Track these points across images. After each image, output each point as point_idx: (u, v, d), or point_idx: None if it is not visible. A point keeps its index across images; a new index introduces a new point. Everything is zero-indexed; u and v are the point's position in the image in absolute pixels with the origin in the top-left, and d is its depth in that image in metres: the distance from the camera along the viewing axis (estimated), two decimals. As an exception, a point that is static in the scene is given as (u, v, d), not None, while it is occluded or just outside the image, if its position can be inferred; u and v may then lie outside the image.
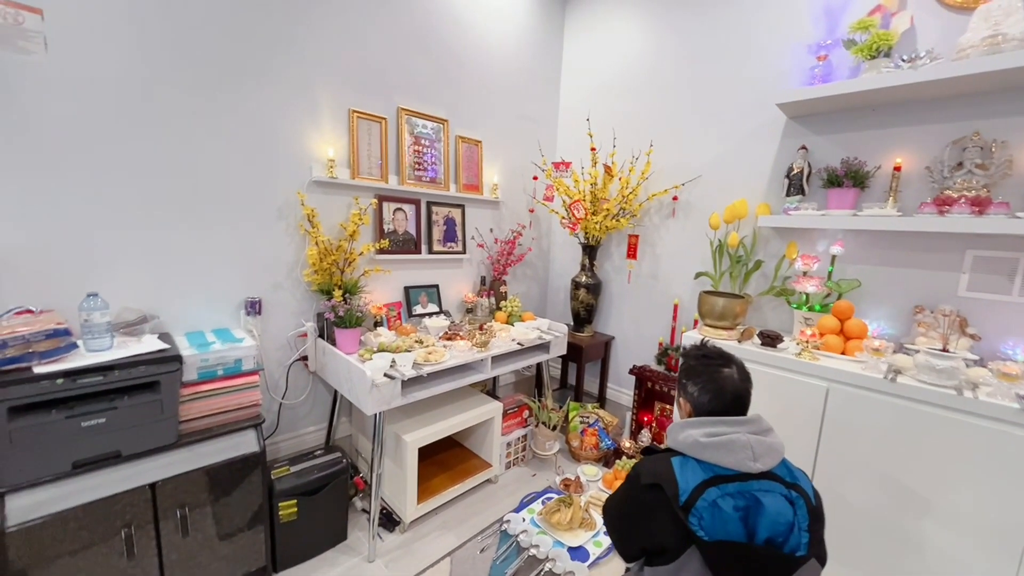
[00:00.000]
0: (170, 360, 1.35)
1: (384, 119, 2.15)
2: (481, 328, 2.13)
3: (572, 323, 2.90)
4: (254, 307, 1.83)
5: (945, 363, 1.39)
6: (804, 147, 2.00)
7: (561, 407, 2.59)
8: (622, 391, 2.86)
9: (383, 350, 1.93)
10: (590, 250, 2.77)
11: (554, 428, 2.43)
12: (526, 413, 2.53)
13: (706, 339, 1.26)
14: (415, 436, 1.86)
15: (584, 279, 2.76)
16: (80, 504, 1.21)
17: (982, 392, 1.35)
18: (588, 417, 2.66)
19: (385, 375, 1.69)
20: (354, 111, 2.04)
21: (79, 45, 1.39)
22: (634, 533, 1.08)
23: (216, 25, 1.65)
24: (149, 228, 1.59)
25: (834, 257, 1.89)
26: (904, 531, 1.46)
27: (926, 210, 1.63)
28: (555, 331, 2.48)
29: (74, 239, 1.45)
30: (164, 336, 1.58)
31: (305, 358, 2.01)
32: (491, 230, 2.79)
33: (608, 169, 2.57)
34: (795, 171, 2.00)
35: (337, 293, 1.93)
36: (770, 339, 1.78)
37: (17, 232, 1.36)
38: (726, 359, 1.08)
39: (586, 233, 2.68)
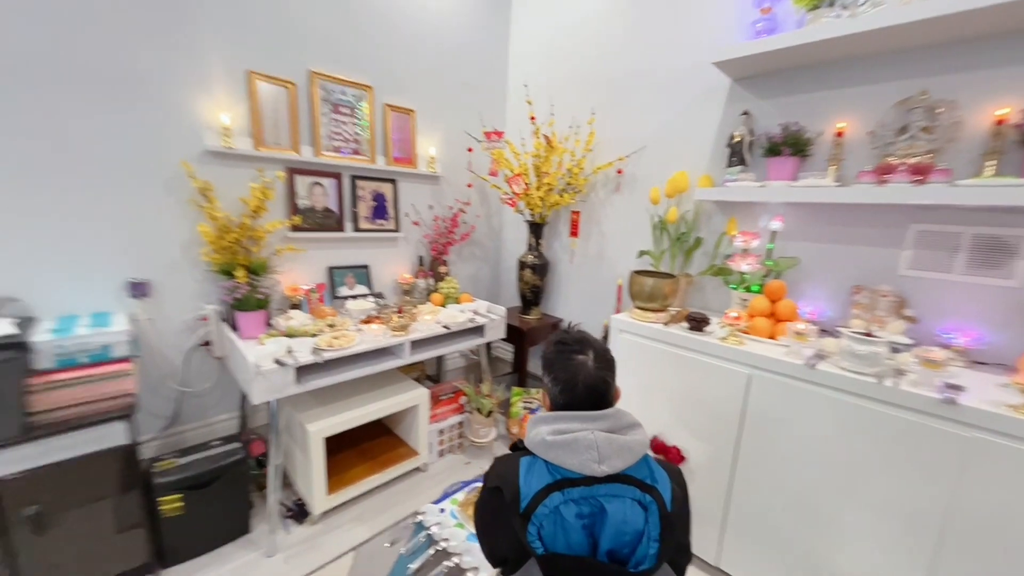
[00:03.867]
0: (4, 348, 1.23)
1: (293, 84, 1.97)
2: (400, 311, 2.00)
3: (520, 305, 2.77)
4: (139, 289, 1.69)
5: (867, 348, 1.26)
6: (746, 112, 1.82)
7: (507, 393, 2.49)
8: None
9: (291, 334, 1.80)
10: (536, 228, 2.61)
11: (488, 414, 2.33)
12: (463, 399, 2.42)
13: (574, 324, 1.12)
14: (320, 425, 1.75)
15: (530, 259, 2.61)
16: None
17: (905, 380, 1.22)
18: (531, 403, 2.55)
19: (276, 361, 1.56)
20: (253, 72, 1.86)
21: None
22: (484, 540, 0.97)
23: (70, -29, 1.46)
24: (7, 203, 1.44)
25: (774, 233, 1.74)
26: (822, 516, 1.36)
27: (865, 179, 1.47)
28: (492, 313, 2.35)
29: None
30: (26, 321, 1.45)
31: (208, 343, 1.89)
32: (430, 207, 2.63)
33: (548, 140, 2.39)
34: (736, 139, 1.83)
35: (240, 273, 1.79)
36: (697, 322, 1.65)
37: None
38: (583, 344, 0.94)
39: (531, 210, 2.52)
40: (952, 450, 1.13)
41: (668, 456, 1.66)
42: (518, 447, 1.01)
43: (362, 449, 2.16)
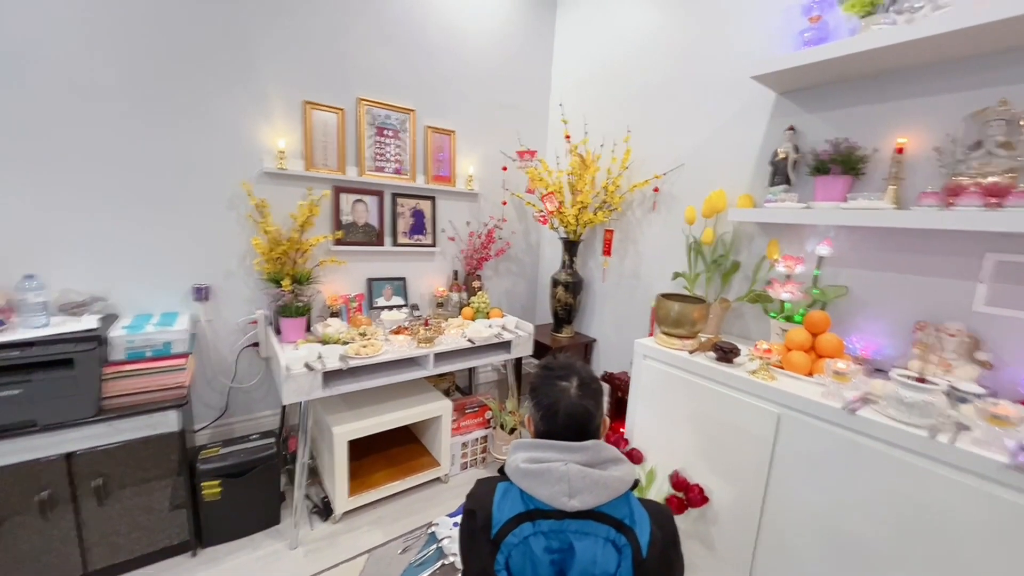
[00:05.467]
0: (87, 340, 1.45)
1: (341, 110, 2.15)
2: (427, 323, 2.07)
3: (552, 322, 2.74)
4: (201, 293, 1.91)
5: (916, 396, 1.09)
6: (792, 128, 1.69)
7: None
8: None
9: (326, 341, 1.94)
10: (570, 245, 2.58)
11: (511, 432, 2.31)
12: (488, 414, 2.43)
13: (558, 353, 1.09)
14: (345, 428, 1.85)
15: (563, 277, 2.58)
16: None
17: (966, 437, 1.04)
18: (558, 423, 2.50)
19: (306, 365, 1.69)
20: (308, 103, 2.06)
21: (25, 45, 1.52)
22: (462, 561, 0.97)
23: (167, 18, 1.72)
24: (99, 215, 1.71)
25: (821, 259, 1.58)
26: (859, 598, 1.18)
27: (927, 201, 1.29)
28: (520, 330, 2.35)
29: (23, 224, 1.59)
30: (109, 317, 1.70)
31: (256, 344, 2.08)
32: (467, 223, 2.71)
33: (582, 158, 2.37)
34: (780, 156, 1.69)
35: (286, 282, 1.97)
36: (725, 353, 1.53)
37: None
38: (568, 371, 0.92)
39: (564, 227, 2.50)
40: (1020, 523, 0.94)
41: (689, 495, 1.54)
42: (503, 470, 1.00)
43: (388, 454, 2.24)
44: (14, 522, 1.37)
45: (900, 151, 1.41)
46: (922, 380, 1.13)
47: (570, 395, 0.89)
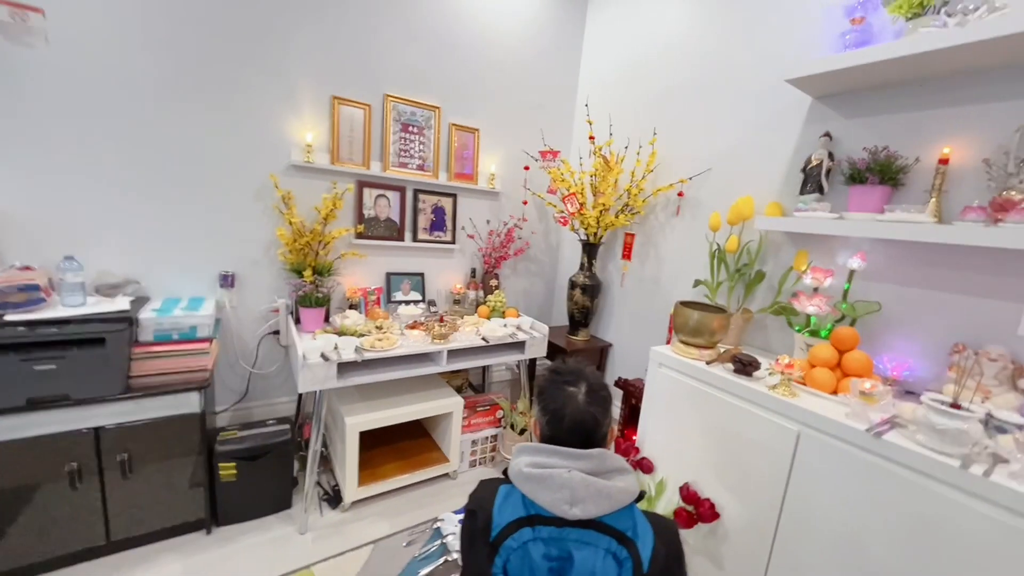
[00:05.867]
0: (119, 320, 1.51)
1: (368, 106, 2.18)
2: (442, 319, 2.08)
3: (568, 325, 2.71)
4: (227, 280, 1.98)
5: (950, 423, 1.03)
6: (827, 134, 1.62)
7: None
8: (616, 404, 2.61)
9: (342, 332, 1.97)
10: (590, 248, 2.55)
11: (521, 432, 2.30)
12: (499, 413, 2.43)
13: (568, 357, 1.07)
14: (357, 419, 1.88)
15: (581, 279, 2.56)
16: (33, 436, 1.40)
17: (1001, 471, 0.98)
18: (569, 427, 2.47)
19: (322, 355, 1.72)
20: (336, 98, 2.10)
21: (74, 38, 1.60)
22: (463, 561, 0.96)
23: (200, 15, 1.78)
24: (134, 201, 1.79)
25: (852, 272, 1.51)
26: (876, 632, 1.12)
27: (971, 216, 1.21)
28: (535, 331, 2.34)
29: (64, 207, 1.68)
30: (140, 299, 1.78)
31: (277, 332, 2.13)
32: (487, 221, 2.71)
33: (606, 160, 2.34)
34: (813, 164, 1.63)
35: (308, 273, 2.01)
36: (744, 365, 1.48)
37: (17, 199, 1.60)
38: (577, 376, 0.90)
39: (586, 229, 2.47)
40: (1065, 572, 0.87)
41: (699, 509, 1.50)
42: (507, 472, 0.99)
43: (398, 447, 2.27)
44: (46, 489, 1.45)
45: (944, 162, 1.33)
46: (956, 406, 1.06)
47: (578, 401, 0.87)
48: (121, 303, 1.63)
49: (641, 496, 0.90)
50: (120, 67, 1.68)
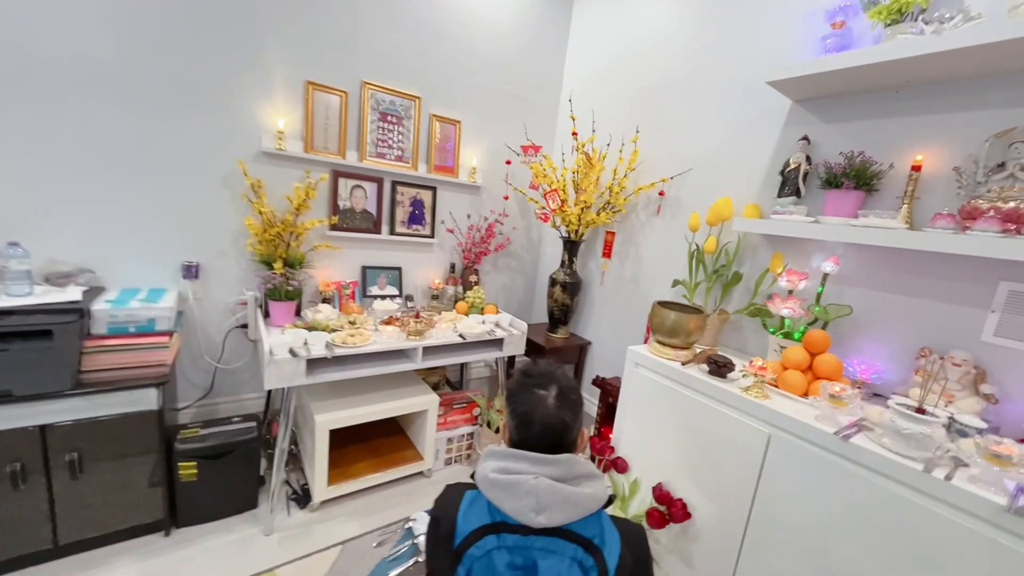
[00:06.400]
0: (67, 312, 1.42)
1: (345, 93, 2.10)
2: (418, 316, 2.03)
3: (548, 322, 2.69)
4: (191, 271, 1.88)
5: (914, 427, 1.04)
6: (805, 138, 1.63)
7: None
8: (594, 402, 2.61)
9: (314, 327, 1.90)
10: (571, 245, 2.53)
11: (497, 430, 2.28)
12: (476, 410, 2.40)
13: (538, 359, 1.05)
14: (328, 417, 1.82)
15: (561, 276, 2.54)
16: (-30, 434, 1.31)
17: (961, 474, 0.99)
18: (547, 424, 2.46)
19: (290, 351, 1.66)
20: (311, 83, 2.01)
21: (25, 8, 1.48)
22: (427, 567, 0.93)
23: (165, -9, 1.68)
24: (87, 186, 1.68)
25: (825, 276, 1.52)
26: (839, 631, 1.14)
27: (941, 223, 1.23)
28: (513, 328, 2.31)
29: (7, 190, 1.56)
30: (95, 290, 1.68)
31: (245, 326, 2.05)
32: (468, 216, 2.66)
33: (588, 157, 2.31)
34: (791, 167, 1.63)
35: (278, 265, 1.94)
36: (719, 367, 1.48)
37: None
38: (547, 379, 0.87)
39: (567, 226, 2.45)
40: (1018, 572, 0.89)
41: (672, 510, 1.50)
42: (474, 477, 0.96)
43: (372, 445, 2.22)
44: (-16, 491, 1.36)
45: (917, 168, 1.34)
46: (921, 411, 1.07)
47: (547, 405, 0.84)
48: (72, 293, 1.54)
49: (611, 501, 0.88)
50: (74, 39, 1.57)
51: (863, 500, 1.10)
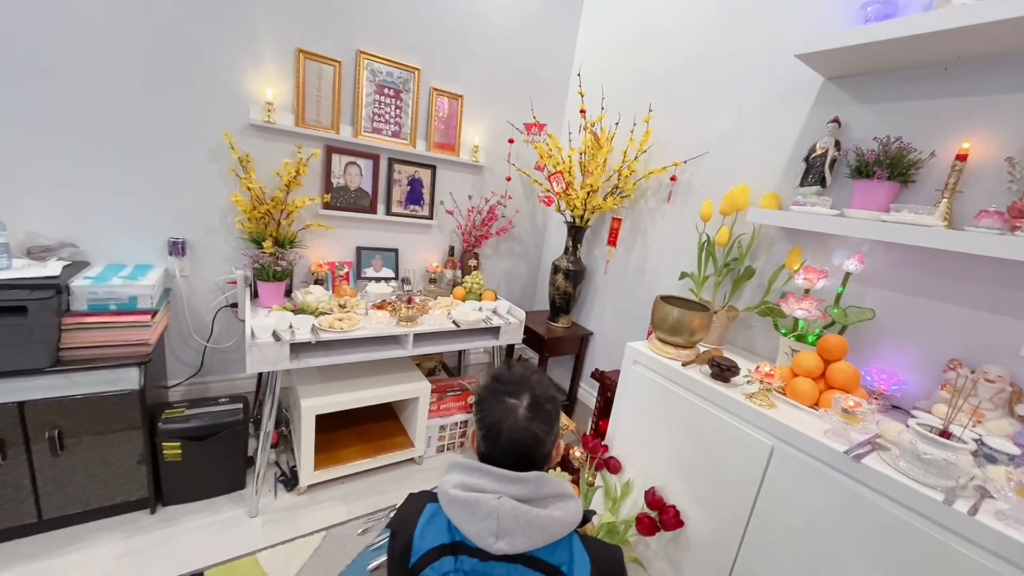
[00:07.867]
0: (44, 287, 1.38)
1: (338, 62, 1.98)
2: (410, 301, 1.95)
3: (549, 310, 2.60)
4: (177, 247, 1.83)
5: (937, 453, 0.93)
6: (836, 120, 1.46)
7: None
8: (592, 394, 2.53)
9: (303, 310, 1.85)
10: (575, 231, 2.41)
11: (491, 421, 2.22)
12: (471, 398, 2.34)
13: (519, 357, 0.95)
14: (314, 402, 1.78)
15: (564, 264, 2.43)
16: (-54, 409, 1.29)
17: (987, 507, 0.88)
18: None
19: (273, 334, 1.60)
20: (302, 51, 1.89)
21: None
22: (386, 580, 0.87)
23: (144, -53, 1.57)
24: (69, 156, 1.62)
25: (848, 275, 1.39)
26: (834, 661, 1.06)
27: (984, 222, 1.08)
28: (511, 316, 2.22)
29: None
30: (78, 264, 1.64)
31: (235, 305, 2.01)
32: (469, 197, 2.55)
33: (596, 137, 2.16)
34: (818, 152, 1.47)
35: (268, 244, 1.87)
36: (722, 370, 1.37)
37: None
38: (520, 386, 0.79)
39: (572, 211, 2.32)
40: (1046, 626, 0.79)
41: (663, 516, 1.42)
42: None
43: (362, 430, 2.18)
44: (-35, 465, 1.35)
45: (962, 158, 1.18)
46: (946, 434, 0.96)
47: (517, 416, 0.76)
48: (52, 268, 1.49)
49: (587, 519, 0.80)
50: (52, 10, 1.48)
51: (873, 527, 1.00)
